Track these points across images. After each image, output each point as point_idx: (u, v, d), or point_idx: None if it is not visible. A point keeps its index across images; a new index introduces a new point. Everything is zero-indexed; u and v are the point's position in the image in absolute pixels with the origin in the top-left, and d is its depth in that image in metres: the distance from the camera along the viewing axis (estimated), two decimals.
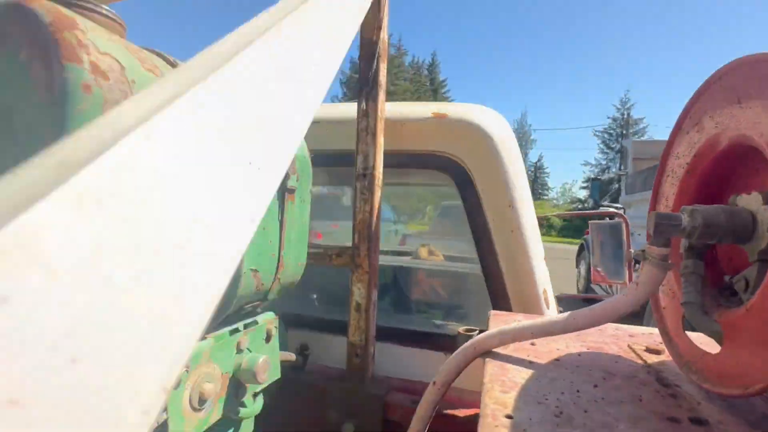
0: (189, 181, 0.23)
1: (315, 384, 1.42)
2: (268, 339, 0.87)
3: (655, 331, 0.83)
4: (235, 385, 0.77)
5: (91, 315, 0.16)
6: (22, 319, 0.14)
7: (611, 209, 6.55)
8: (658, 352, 0.78)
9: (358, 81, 1.37)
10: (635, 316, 2.42)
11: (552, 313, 1.42)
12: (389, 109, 1.63)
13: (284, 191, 0.85)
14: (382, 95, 1.35)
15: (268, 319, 0.90)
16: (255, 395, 0.87)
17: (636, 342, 0.87)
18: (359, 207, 1.35)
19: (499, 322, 1.12)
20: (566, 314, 0.69)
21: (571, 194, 52.24)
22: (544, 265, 1.49)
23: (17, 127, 0.44)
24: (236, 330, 0.80)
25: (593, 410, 0.54)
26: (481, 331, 1.26)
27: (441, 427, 1.20)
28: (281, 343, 1.42)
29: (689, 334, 0.64)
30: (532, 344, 0.82)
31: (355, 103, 1.39)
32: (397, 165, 1.63)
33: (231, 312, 0.78)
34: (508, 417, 0.52)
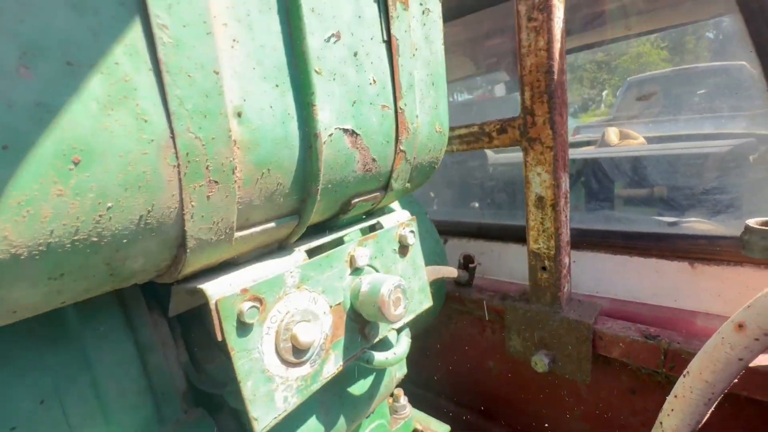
0: None
1: (488, 304, 1.11)
2: (403, 251, 0.54)
3: None
4: (361, 322, 0.48)
5: None
6: None
7: None
8: None
9: None
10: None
11: None
12: None
13: None
14: None
15: (401, 221, 0.56)
16: (399, 331, 0.58)
17: None
18: (528, 44, 0.84)
19: None
20: None
21: None
22: None
23: None
24: (343, 241, 0.50)
25: None
26: None
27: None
28: (436, 255, 1.13)
29: None
30: None
31: None
32: None
33: (324, 216, 0.47)
34: None
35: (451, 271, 0.96)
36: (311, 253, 0.45)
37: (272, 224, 0.39)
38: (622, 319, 1.02)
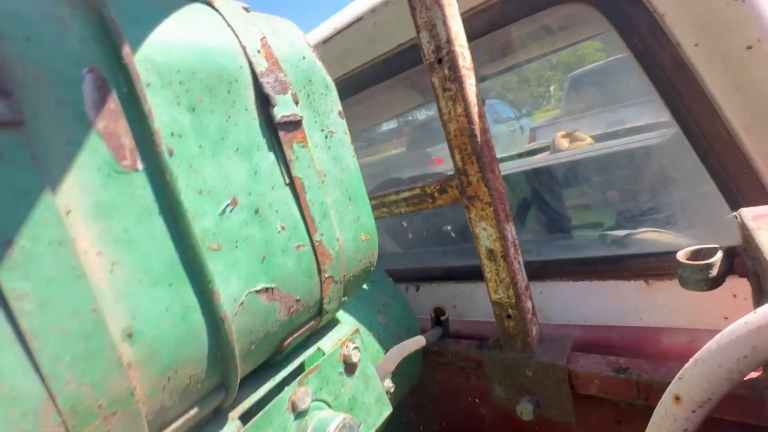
0: None
1: (467, 355, 1.11)
2: (350, 370, 0.54)
3: None
4: None
5: None
6: None
7: None
8: None
9: None
10: None
11: None
12: None
13: (270, 127, 0.45)
14: None
15: (342, 338, 0.56)
16: None
17: None
18: (448, 112, 0.87)
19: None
20: None
21: None
22: None
23: None
24: (283, 383, 0.49)
25: None
26: (730, 254, 0.70)
27: None
28: (405, 318, 1.13)
29: None
30: None
31: None
32: (493, 26, 1.04)
33: (257, 365, 0.46)
34: None
35: (418, 342, 0.95)
36: (248, 414, 0.44)
37: (195, 409, 0.38)
38: (595, 345, 1.03)
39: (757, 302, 0.65)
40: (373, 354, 0.96)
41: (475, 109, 0.86)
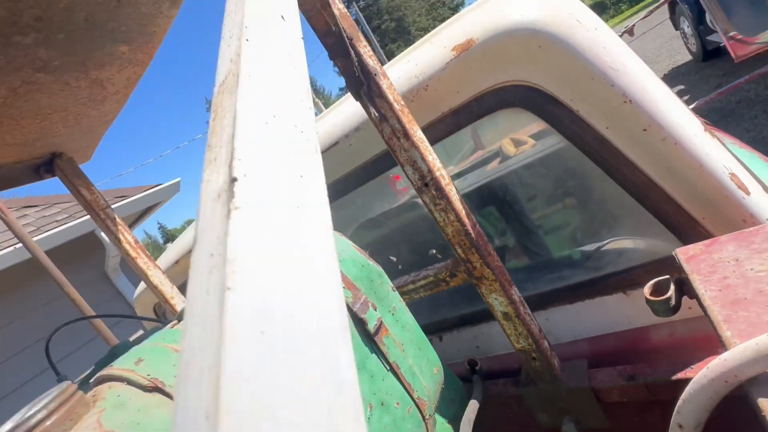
0: None
1: (508, 394, 1.31)
2: None
3: None
4: None
5: None
6: None
7: None
8: None
9: (347, 87, 1.02)
10: None
11: (757, 196, 1.00)
12: (400, 79, 1.24)
13: (370, 339, 0.63)
14: (385, 82, 0.99)
15: None
16: None
17: None
18: (443, 220, 1.08)
19: (704, 268, 0.80)
20: None
21: None
22: (708, 138, 1.04)
23: None
24: None
25: None
26: (680, 282, 0.95)
27: None
28: (450, 384, 1.31)
29: None
30: None
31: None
32: (448, 132, 1.28)
33: None
34: None
35: (475, 407, 1.14)
36: None
37: None
38: (603, 354, 1.27)
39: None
40: (441, 426, 1.13)
41: (463, 213, 1.07)
